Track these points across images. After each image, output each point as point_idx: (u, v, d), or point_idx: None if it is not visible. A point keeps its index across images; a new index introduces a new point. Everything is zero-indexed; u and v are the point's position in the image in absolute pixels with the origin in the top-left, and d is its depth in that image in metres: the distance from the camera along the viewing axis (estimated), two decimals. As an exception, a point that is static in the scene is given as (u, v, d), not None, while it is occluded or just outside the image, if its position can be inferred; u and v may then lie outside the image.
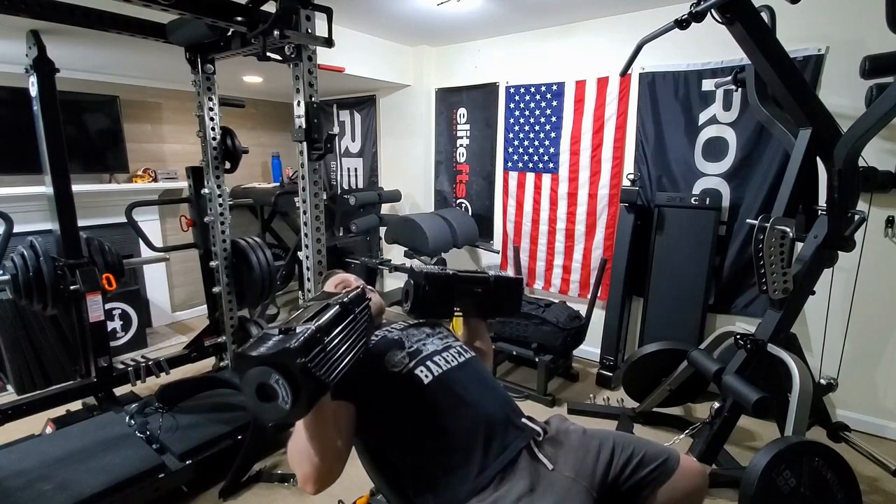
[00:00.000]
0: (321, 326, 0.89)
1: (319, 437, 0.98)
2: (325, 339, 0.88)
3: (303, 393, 0.80)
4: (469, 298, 1.39)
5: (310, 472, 1.00)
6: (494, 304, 1.46)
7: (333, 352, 0.91)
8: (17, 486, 1.72)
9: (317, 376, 0.83)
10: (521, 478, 1.05)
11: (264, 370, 0.80)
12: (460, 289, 1.37)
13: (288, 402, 0.80)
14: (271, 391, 0.80)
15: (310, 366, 0.82)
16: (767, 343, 1.91)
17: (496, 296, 1.45)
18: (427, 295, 1.29)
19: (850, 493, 1.61)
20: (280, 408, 0.80)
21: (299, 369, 0.80)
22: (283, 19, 1.72)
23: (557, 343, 2.81)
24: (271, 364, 0.79)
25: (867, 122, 1.62)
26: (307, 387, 0.81)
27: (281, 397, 0.80)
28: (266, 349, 0.82)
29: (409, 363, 1.19)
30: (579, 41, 3.18)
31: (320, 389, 0.87)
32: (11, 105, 3.00)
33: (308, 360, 0.82)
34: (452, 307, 1.38)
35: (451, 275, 1.35)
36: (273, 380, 0.80)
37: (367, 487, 1.99)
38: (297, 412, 0.82)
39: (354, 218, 3.64)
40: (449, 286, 1.34)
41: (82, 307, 2.28)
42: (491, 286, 1.42)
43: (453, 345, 1.30)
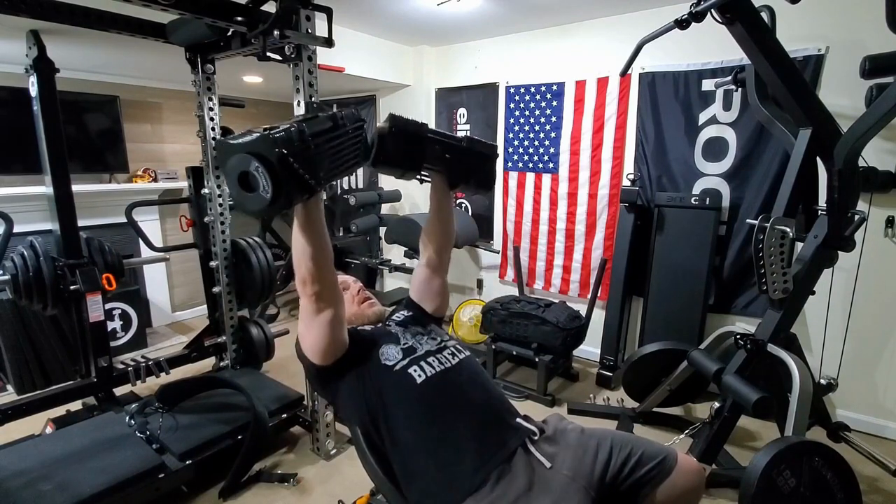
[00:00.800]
0: (304, 126, 0.89)
1: (312, 236, 1.02)
2: (308, 139, 0.88)
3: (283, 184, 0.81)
4: (438, 158, 1.29)
5: (305, 271, 1.05)
6: (465, 168, 1.36)
7: (316, 153, 0.90)
8: (17, 486, 1.72)
9: (297, 171, 0.84)
10: (518, 477, 1.05)
11: (244, 157, 0.81)
12: (429, 141, 1.26)
13: (269, 191, 0.81)
14: (253, 181, 0.82)
15: (290, 159, 0.82)
16: (767, 343, 1.91)
17: (468, 158, 1.35)
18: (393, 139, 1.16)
19: (850, 493, 1.61)
20: (261, 197, 0.82)
21: (277, 158, 0.80)
22: (283, 19, 1.72)
23: (557, 343, 2.81)
24: (250, 151, 0.80)
25: (867, 122, 1.62)
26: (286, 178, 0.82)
27: (262, 186, 0.81)
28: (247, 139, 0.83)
29: (403, 360, 1.19)
30: (579, 41, 3.18)
31: (302, 187, 0.87)
32: (11, 105, 3.00)
33: (289, 152, 0.82)
34: (420, 161, 1.25)
35: (421, 123, 1.24)
36: (253, 168, 0.81)
37: (367, 487, 1.99)
38: (278, 205, 0.83)
39: (354, 218, 3.64)
40: (418, 136, 1.23)
41: (82, 307, 2.28)
42: (463, 146, 1.33)
43: (448, 345, 1.30)
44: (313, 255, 1.03)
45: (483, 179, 1.42)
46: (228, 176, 0.84)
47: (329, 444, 2.31)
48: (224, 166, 0.84)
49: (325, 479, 2.18)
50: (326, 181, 0.94)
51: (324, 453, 2.30)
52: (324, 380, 1.21)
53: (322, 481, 2.16)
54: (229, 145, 0.83)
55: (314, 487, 2.13)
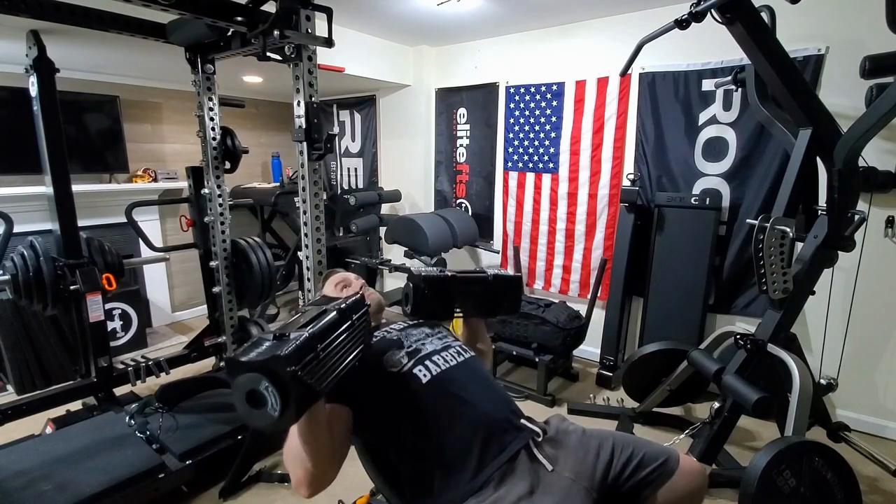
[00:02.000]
0: (314, 333, 0.89)
1: (312, 442, 0.98)
2: (318, 347, 0.88)
3: (292, 400, 0.80)
4: (468, 298, 1.40)
5: (303, 476, 1.01)
6: (494, 302, 1.46)
7: (327, 359, 0.90)
8: (17, 486, 1.72)
9: (307, 384, 0.83)
10: (520, 479, 1.05)
11: (254, 377, 0.79)
12: (459, 289, 1.37)
13: (277, 409, 0.79)
14: (261, 398, 0.80)
15: (300, 374, 0.81)
16: (767, 343, 1.91)
17: (495, 294, 1.44)
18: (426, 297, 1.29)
19: (850, 493, 1.61)
20: (269, 415, 0.80)
21: (289, 377, 0.79)
22: (283, 19, 1.72)
23: (557, 343, 2.81)
24: (261, 371, 0.79)
25: (867, 122, 1.62)
26: (296, 394, 0.81)
27: (270, 404, 0.80)
28: (257, 355, 0.81)
29: (408, 363, 1.19)
30: (579, 41, 3.18)
31: (311, 397, 0.87)
32: (11, 105, 3.00)
33: (299, 367, 0.81)
34: (452, 308, 1.38)
35: (449, 276, 1.35)
36: (262, 386, 0.79)
37: (367, 487, 1.99)
38: (286, 420, 0.82)
39: (354, 218, 3.64)
40: (448, 287, 1.35)
41: (82, 307, 2.28)
42: (490, 285, 1.42)
43: (452, 344, 1.30)
44: (315, 460, 0.98)
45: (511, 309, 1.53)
46: (236, 391, 0.82)
47: (329, 444, 2.30)
48: (232, 382, 0.82)
49: (326, 479, 2.18)
50: (333, 382, 0.92)
51: (324, 453, 2.30)
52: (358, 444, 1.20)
53: (322, 481, 2.16)
54: (240, 363, 0.81)
55: (314, 487, 2.12)
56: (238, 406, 0.82)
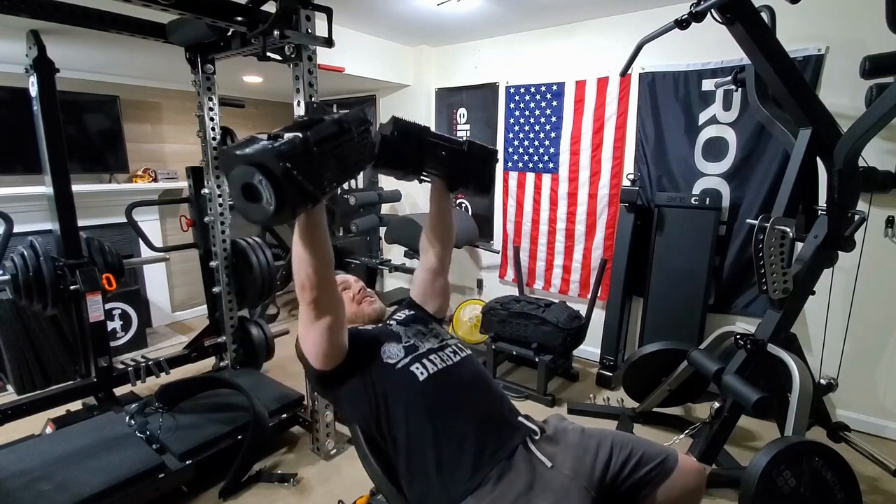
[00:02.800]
0: (310, 136, 0.87)
1: (313, 243, 1.01)
2: (313, 149, 0.86)
3: (287, 197, 0.81)
4: (439, 160, 1.30)
5: (305, 277, 1.04)
6: (465, 171, 1.38)
7: (321, 162, 0.89)
8: (17, 486, 1.72)
9: (301, 182, 0.83)
10: (519, 476, 1.06)
11: (248, 170, 0.80)
12: (430, 144, 1.27)
13: (272, 204, 0.80)
14: (257, 192, 0.81)
15: (294, 172, 0.81)
16: (767, 343, 1.91)
17: (468, 161, 1.36)
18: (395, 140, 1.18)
19: (850, 493, 1.61)
20: (264, 209, 0.81)
21: (281, 171, 0.80)
22: (283, 19, 1.72)
23: (557, 343, 2.81)
24: (254, 164, 0.80)
25: (867, 122, 1.62)
26: (290, 191, 0.81)
27: (265, 199, 0.81)
28: (251, 150, 0.82)
29: (405, 358, 1.19)
30: (579, 41, 3.17)
31: (305, 198, 0.86)
32: (11, 105, 3.00)
33: (292, 165, 0.81)
34: (421, 166, 1.27)
35: (423, 126, 1.26)
36: (257, 180, 0.80)
37: (367, 487, 1.99)
38: (281, 216, 0.83)
39: (354, 218, 3.64)
40: (419, 139, 1.25)
41: (82, 307, 2.28)
42: (464, 150, 1.34)
43: (449, 343, 1.30)
44: (313, 262, 1.02)
45: (482, 183, 1.43)
46: (232, 186, 0.83)
47: (329, 444, 2.31)
48: (227, 175, 0.83)
49: (325, 479, 2.18)
50: (331, 189, 0.92)
51: (324, 453, 2.30)
52: (325, 383, 1.21)
53: (322, 481, 2.16)
54: (233, 156, 0.82)
55: (314, 487, 2.13)
56: (235, 199, 0.84)
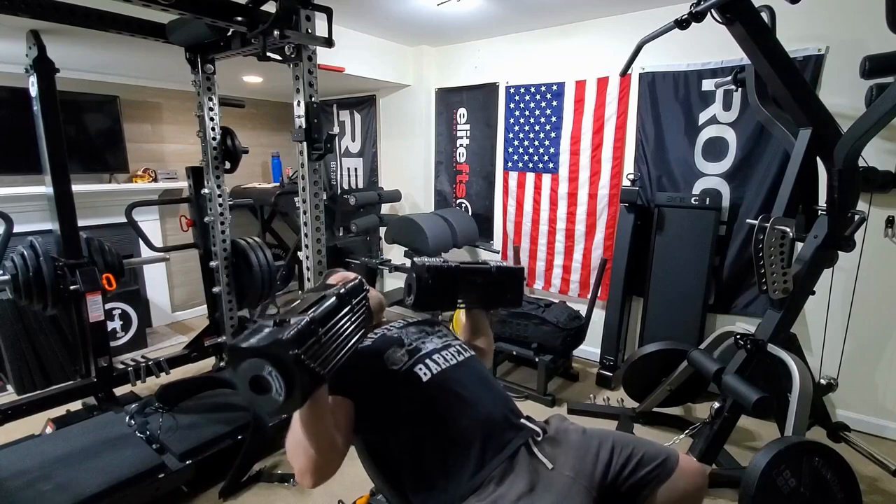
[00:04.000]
0: (315, 318, 0.89)
1: (316, 430, 0.97)
2: (319, 331, 0.88)
3: (297, 385, 0.80)
4: (471, 289, 1.38)
5: (306, 464, 1.00)
6: (496, 294, 1.45)
7: (329, 343, 0.90)
8: (17, 486, 1.72)
9: (310, 368, 0.83)
10: (520, 477, 1.05)
11: (257, 362, 0.79)
12: (462, 280, 1.35)
13: (282, 394, 0.80)
14: (265, 383, 0.80)
15: (303, 357, 0.81)
16: (767, 343, 1.91)
17: (498, 286, 1.44)
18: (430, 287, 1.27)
19: (850, 493, 1.60)
20: (274, 400, 0.80)
21: (292, 360, 0.79)
22: (283, 19, 1.72)
23: (557, 343, 2.81)
24: (264, 355, 0.79)
25: (867, 122, 1.62)
26: (301, 378, 0.81)
27: (275, 389, 0.80)
28: (258, 340, 0.81)
29: (409, 361, 1.19)
30: (579, 41, 3.17)
31: (315, 381, 0.87)
32: (11, 105, 3.00)
33: (301, 351, 0.81)
34: (455, 299, 1.36)
35: (453, 266, 1.33)
36: (266, 371, 0.79)
37: (367, 487, 1.98)
38: (292, 404, 0.82)
39: (354, 218, 3.64)
40: (451, 277, 1.33)
41: (82, 307, 2.28)
42: (493, 276, 1.41)
43: (453, 343, 1.30)
44: (318, 448, 0.97)
45: (513, 301, 1.52)
46: (239, 379, 0.81)
47: (329, 444, 2.30)
48: (235, 369, 0.82)
49: (325, 479, 2.18)
50: (335, 367, 0.92)
51: (324, 453, 2.30)
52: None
53: (322, 481, 2.16)
54: (242, 350, 0.81)
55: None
56: (242, 393, 0.82)
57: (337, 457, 1.04)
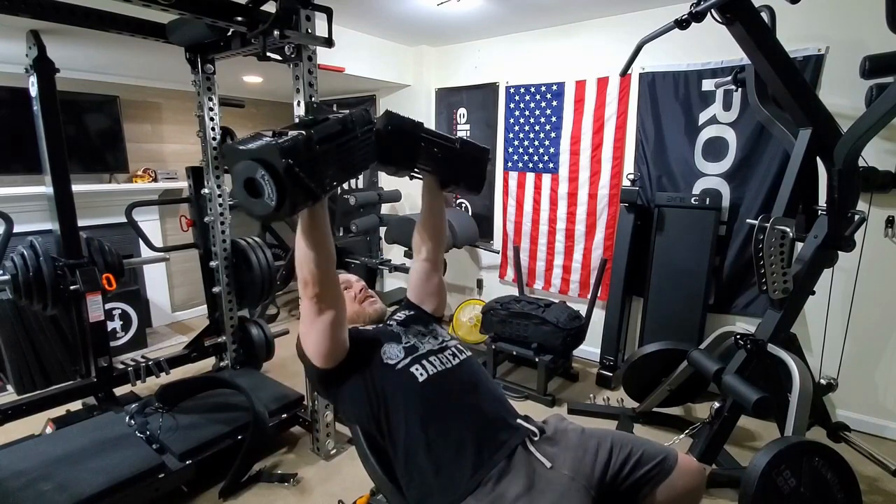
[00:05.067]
0: (313, 135, 0.89)
1: (315, 241, 1.02)
2: (316, 147, 0.88)
3: (288, 193, 0.82)
4: (431, 157, 1.31)
5: (308, 275, 1.05)
6: (457, 169, 1.39)
7: (324, 161, 0.90)
8: (17, 486, 1.72)
9: (302, 179, 0.84)
10: (518, 477, 1.06)
11: (250, 164, 0.82)
12: (423, 140, 1.28)
13: (273, 199, 0.82)
14: (259, 187, 0.82)
15: (296, 169, 0.83)
16: (767, 343, 1.91)
17: (460, 160, 1.37)
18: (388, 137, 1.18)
19: (850, 493, 1.61)
20: (266, 204, 0.83)
21: (283, 168, 0.81)
22: (283, 19, 1.72)
23: (557, 343, 2.81)
24: (256, 159, 0.81)
25: (867, 122, 1.62)
26: (292, 187, 0.82)
27: (267, 194, 0.82)
28: (255, 145, 0.83)
29: (405, 359, 1.20)
30: (579, 41, 3.18)
31: (307, 194, 0.88)
32: (11, 105, 3.00)
33: (295, 162, 0.82)
34: (414, 159, 1.28)
35: (416, 122, 1.26)
36: (259, 175, 0.82)
37: (367, 487, 1.99)
38: (283, 212, 0.84)
39: (354, 218, 3.64)
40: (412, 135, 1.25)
41: (82, 307, 2.28)
42: (456, 149, 1.35)
43: (449, 344, 1.31)
44: (316, 258, 1.03)
45: (473, 182, 1.44)
46: (234, 180, 0.85)
47: (329, 444, 2.31)
48: (231, 170, 0.85)
49: (325, 479, 2.18)
50: (332, 187, 0.94)
51: (324, 453, 2.30)
52: (325, 382, 1.21)
53: (322, 481, 2.16)
54: (236, 150, 0.84)
55: (314, 487, 2.13)
56: (237, 194, 0.85)
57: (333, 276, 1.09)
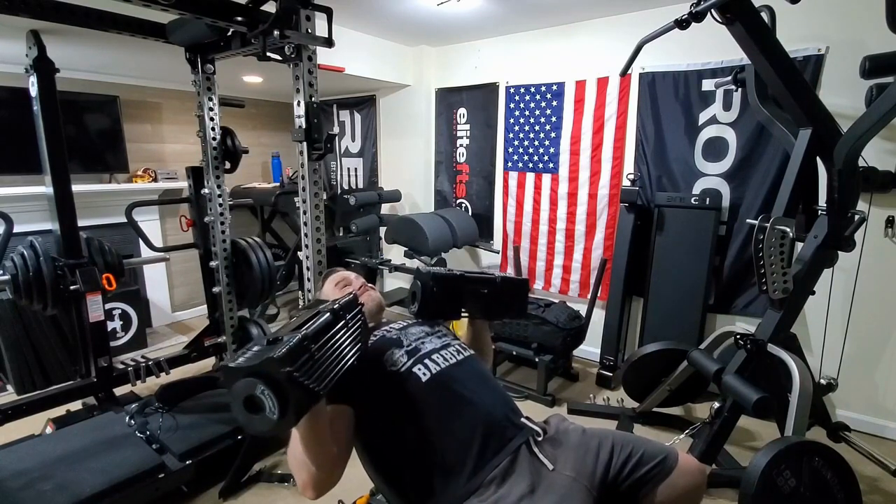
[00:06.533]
0: (308, 334, 0.88)
1: (315, 445, 0.97)
2: (312, 347, 0.87)
3: (291, 403, 0.80)
4: (476, 299, 1.37)
5: (307, 479, 1.01)
6: (501, 305, 1.45)
7: (322, 360, 0.89)
8: (17, 486, 1.72)
9: (304, 385, 0.82)
10: (521, 478, 1.05)
11: (250, 381, 0.79)
12: (468, 289, 1.34)
13: (275, 412, 0.79)
14: (259, 402, 0.79)
15: (296, 375, 0.81)
16: (767, 343, 1.91)
17: (503, 296, 1.43)
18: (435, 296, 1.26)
19: (850, 493, 1.60)
20: (268, 419, 0.80)
21: (284, 378, 0.79)
22: (283, 19, 1.72)
23: (557, 343, 2.81)
24: (256, 374, 0.79)
25: (867, 122, 1.62)
26: (294, 396, 0.80)
27: (268, 408, 0.79)
28: (249, 360, 0.81)
29: (408, 361, 1.19)
30: (579, 41, 3.18)
31: (309, 398, 0.86)
32: (11, 105, 3.00)
33: (294, 369, 0.81)
34: (460, 308, 1.35)
35: (458, 275, 1.32)
36: (259, 391, 0.79)
37: (367, 487, 1.98)
38: (286, 423, 0.81)
39: (354, 218, 3.64)
40: (457, 287, 1.32)
41: (82, 307, 2.28)
42: (498, 287, 1.40)
43: (452, 343, 1.30)
44: (318, 458, 0.98)
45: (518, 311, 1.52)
46: (234, 400, 0.81)
47: (329, 444, 2.30)
48: (229, 390, 0.82)
49: (325, 479, 2.18)
50: (331, 383, 0.92)
51: (324, 453, 2.30)
52: None
53: (322, 481, 2.16)
54: (234, 370, 0.81)
55: (314, 487, 2.12)
56: (237, 414, 0.82)
57: (338, 469, 1.04)
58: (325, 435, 0.99)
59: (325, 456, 1.00)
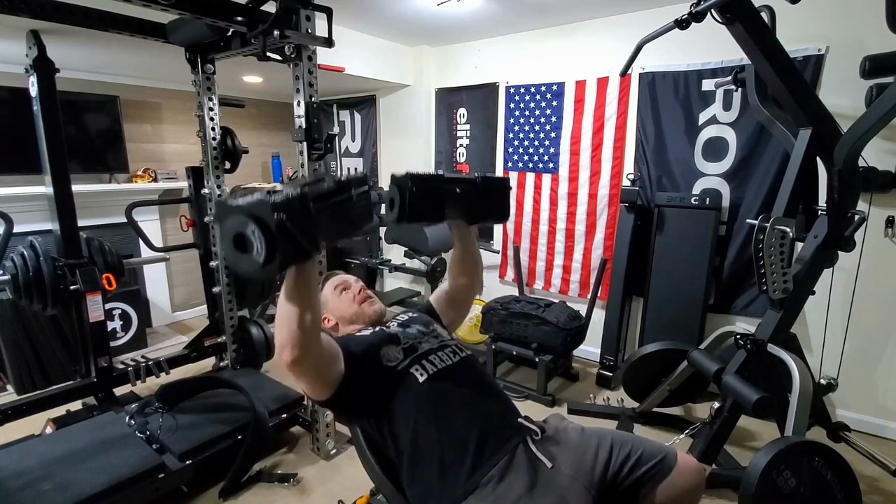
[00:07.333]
0: (307, 192, 0.88)
1: (300, 303, 0.96)
2: (309, 204, 0.87)
3: (277, 249, 0.81)
4: (457, 201, 1.31)
5: (287, 337, 0.98)
6: (482, 205, 1.40)
7: (317, 219, 0.89)
8: (17, 486, 1.72)
9: (294, 237, 0.83)
10: (520, 477, 1.05)
11: (241, 219, 0.81)
12: (448, 190, 1.28)
13: (262, 255, 0.80)
14: (248, 243, 0.81)
15: (288, 225, 0.82)
16: (767, 343, 1.91)
17: (485, 196, 1.38)
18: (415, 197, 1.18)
19: (850, 493, 1.60)
20: (253, 260, 0.82)
21: (275, 223, 0.80)
22: (283, 19, 1.72)
23: (557, 343, 2.81)
24: (248, 214, 0.81)
25: (867, 122, 1.62)
26: (282, 244, 0.81)
27: (256, 249, 0.81)
28: (247, 201, 0.83)
29: (404, 360, 1.19)
30: (579, 41, 3.18)
31: (297, 252, 0.87)
32: (11, 105, 3.00)
33: (287, 218, 0.82)
34: (441, 211, 1.28)
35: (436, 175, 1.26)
36: (250, 230, 0.81)
37: (367, 487, 1.99)
38: (271, 268, 0.82)
39: (354, 218, 3.63)
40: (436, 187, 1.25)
41: (82, 307, 2.28)
42: (479, 186, 1.35)
43: (449, 343, 1.30)
44: (300, 318, 0.96)
45: (500, 213, 1.46)
46: (224, 235, 0.84)
47: (329, 444, 2.31)
48: (221, 225, 0.84)
49: (325, 479, 2.18)
50: (324, 245, 0.93)
51: (324, 453, 2.30)
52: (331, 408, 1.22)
53: (322, 481, 2.16)
54: (228, 206, 0.83)
55: (314, 487, 2.13)
56: (225, 250, 0.84)
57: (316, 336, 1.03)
58: (310, 294, 0.98)
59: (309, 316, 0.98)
